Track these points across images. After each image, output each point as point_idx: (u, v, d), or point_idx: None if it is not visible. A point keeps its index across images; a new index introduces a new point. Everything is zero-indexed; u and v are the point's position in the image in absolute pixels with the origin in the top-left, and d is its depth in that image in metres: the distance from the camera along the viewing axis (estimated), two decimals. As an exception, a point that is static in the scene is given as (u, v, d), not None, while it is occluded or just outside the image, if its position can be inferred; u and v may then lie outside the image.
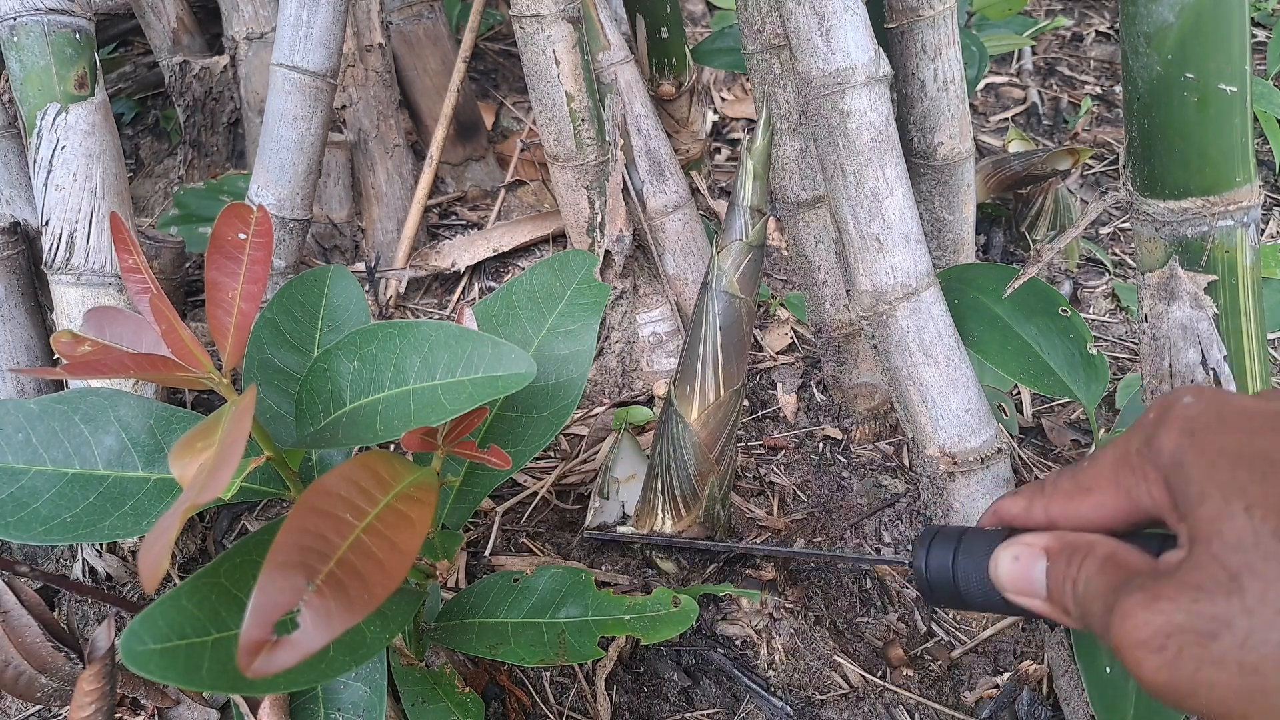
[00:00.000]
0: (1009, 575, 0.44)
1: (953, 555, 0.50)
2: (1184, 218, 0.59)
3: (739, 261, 0.73)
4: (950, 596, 0.50)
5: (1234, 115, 0.55)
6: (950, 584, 0.50)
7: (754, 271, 0.74)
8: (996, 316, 0.77)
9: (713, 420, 0.76)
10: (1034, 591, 0.42)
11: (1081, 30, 1.73)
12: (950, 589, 0.50)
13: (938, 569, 0.50)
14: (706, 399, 0.76)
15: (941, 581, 0.50)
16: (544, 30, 0.87)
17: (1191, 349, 0.62)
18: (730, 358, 0.75)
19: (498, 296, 0.71)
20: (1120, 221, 1.27)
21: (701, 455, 0.77)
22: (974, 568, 0.49)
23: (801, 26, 0.68)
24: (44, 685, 0.69)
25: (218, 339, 0.50)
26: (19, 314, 0.86)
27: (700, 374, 0.75)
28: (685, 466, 0.77)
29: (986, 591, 0.47)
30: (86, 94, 0.79)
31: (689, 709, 0.73)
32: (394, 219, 1.17)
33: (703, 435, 0.76)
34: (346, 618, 0.37)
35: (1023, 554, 0.43)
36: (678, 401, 0.77)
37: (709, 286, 0.74)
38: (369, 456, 0.47)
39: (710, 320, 0.74)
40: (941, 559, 0.50)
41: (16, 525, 0.53)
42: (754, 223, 0.72)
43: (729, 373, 0.75)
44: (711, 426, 0.76)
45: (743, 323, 0.74)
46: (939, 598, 0.51)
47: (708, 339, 0.75)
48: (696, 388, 0.76)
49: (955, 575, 0.49)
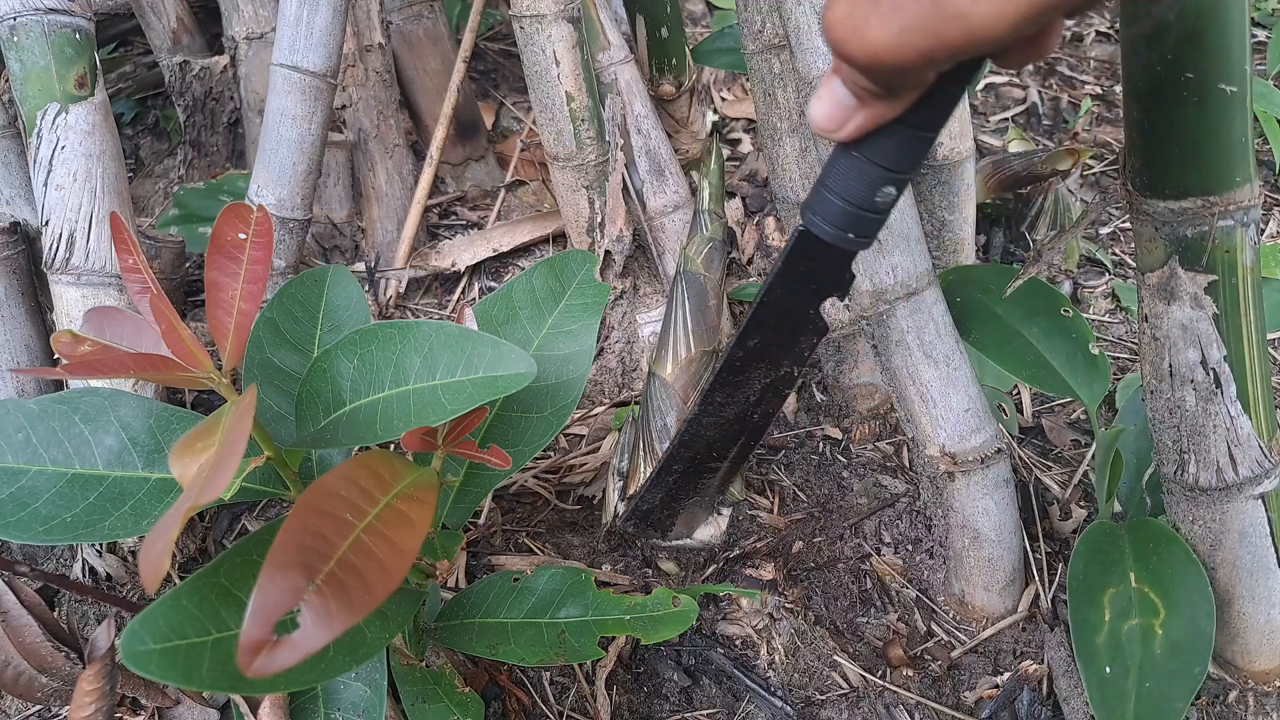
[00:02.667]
0: (821, 112, 0.46)
1: (824, 191, 0.51)
2: (1184, 218, 0.59)
3: (700, 249, 0.86)
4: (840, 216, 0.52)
5: (1234, 115, 0.55)
6: (840, 202, 0.51)
7: (716, 255, 0.87)
8: (997, 316, 0.77)
9: (685, 373, 0.84)
10: (844, 101, 0.45)
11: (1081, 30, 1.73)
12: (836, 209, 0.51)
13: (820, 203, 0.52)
14: (679, 356, 0.85)
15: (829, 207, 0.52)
16: (544, 30, 0.87)
17: (1191, 348, 0.62)
18: (699, 321, 0.85)
19: (498, 296, 0.71)
20: (1120, 221, 1.27)
21: (676, 405, 0.83)
22: (839, 176, 0.50)
23: (801, 26, 0.68)
24: (44, 685, 0.69)
25: (218, 339, 0.50)
26: (19, 314, 0.86)
27: (673, 336, 0.85)
28: (663, 416, 0.83)
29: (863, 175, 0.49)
30: (86, 94, 0.79)
31: (689, 709, 0.73)
32: (394, 219, 1.17)
33: (677, 387, 0.84)
34: (346, 618, 0.37)
35: (822, 90, 0.46)
36: (655, 365, 0.86)
37: (680, 272, 0.86)
38: (369, 456, 0.47)
39: (679, 294, 0.86)
40: (825, 201, 0.52)
41: (16, 525, 0.53)
42: (712, 221, 0.87)
43: (699, 334, 0.85)
44: (684, 379, 0.84)
45: (707, 294, 0.86)
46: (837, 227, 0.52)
47: (678, 309, 0.86)
48: (670, 349, 0.85)
49: (833, 192, 0.51)
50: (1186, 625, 0.65)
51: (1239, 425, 0.63)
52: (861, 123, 0.46)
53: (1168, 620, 0.65)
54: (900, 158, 0.48)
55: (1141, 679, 0.64)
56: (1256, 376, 0.63)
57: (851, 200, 0.50)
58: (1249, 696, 0.72)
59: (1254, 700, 0.72)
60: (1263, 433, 0.64)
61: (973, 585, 0.79)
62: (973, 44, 0.37)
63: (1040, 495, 0.90)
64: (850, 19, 0.39)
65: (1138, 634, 0.65)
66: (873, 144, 0.47)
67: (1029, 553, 0.82)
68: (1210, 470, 0.65)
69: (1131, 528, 0.71)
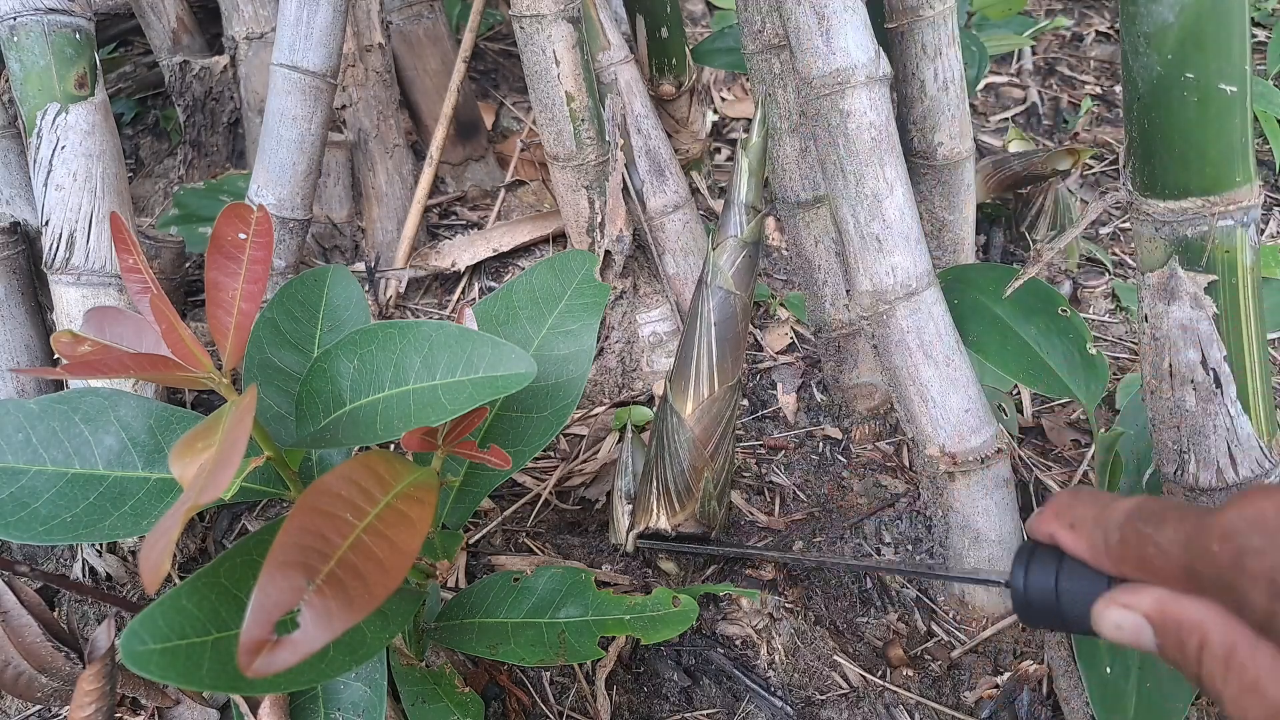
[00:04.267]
0: (1117, 638, 0.42)
1: (1055, 577, 0.46)
2: (1184, 218, 0.59)
3: (734, 258, 0.74)
4: (1053, 619, 0.47)
5: (1234, 115, 0.55)
6: (1054, 606, 0.46)
7: (749, 268, 0.74)
8: (996, 316, 0.77)
9: (707, 415, 0.76)
10: (1149, 648, 0.41)
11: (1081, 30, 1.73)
12: (1053, 611, 0.47)
13: (1039, 590, 0.46)
14: (701, 394, 0.76)
15: (1043, 603, 0.46)
16: (544, 30, 0.87)
17: (1191, 349, 0.62)
18: (725, 353, 0.75)
19: (498, 296, 0.71)
20: (1120, 221, 1.27)
21: (696, 451, 0.76)
22: (1081, 591, 0.45)
23: (801, 26, 0.68)
24: (44, 685, 0.69)
25: (218, 339, 0.50)
26: (19, 314, 0.86)
27: (695, 369, 0.76)
28: (680, 461, 0.77)
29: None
30: (86, 94, 0.79)
31: (689, 709, 0.73)
32: (394, 219, 1.17)
33: (697, 430, 0.76)
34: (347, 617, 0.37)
35: (1125, 623, 0.41)
36: (673, 397, 0.77)
37: (704, 283, 0.75)
38: (369, 456, 0.47)
39: (705, 316, 0.75)
40: (1044, 580, 0.46)
41: (16, 525, 0.53)
42: (749, 219, 0.73)
43: (724, 368, 0.75)
44: (706, 422, 0.76)
45: (738, 318, 0.75)
46: (1039, 619, 0.48)
47: (703, 334, 0.75)
48: (691, 383, 0.76)
49: (1059, 598, 0.46)
50: (1186, 625, 0.65)
51: (1239, 425, 0.63)
52: (1144, 642, 0.41)
53: (1168, 620, 0.65)
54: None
55: (1142, 679, 0.64)
56: (1256, 377, 0.63)
57: (1061, 608, 0.46)
58: (1249, 696, 0.72)
59: (1254, 700, 0.72)
60: (1263, 433, 0.64)
61: (973, 585, 0.79)
62: None
63: (1040, 495, 0.90)
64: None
65: (1138, 634, 0.65)
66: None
67: (1029, 553, 0.81)
68: (1210, 470, 0.65)
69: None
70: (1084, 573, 0.45)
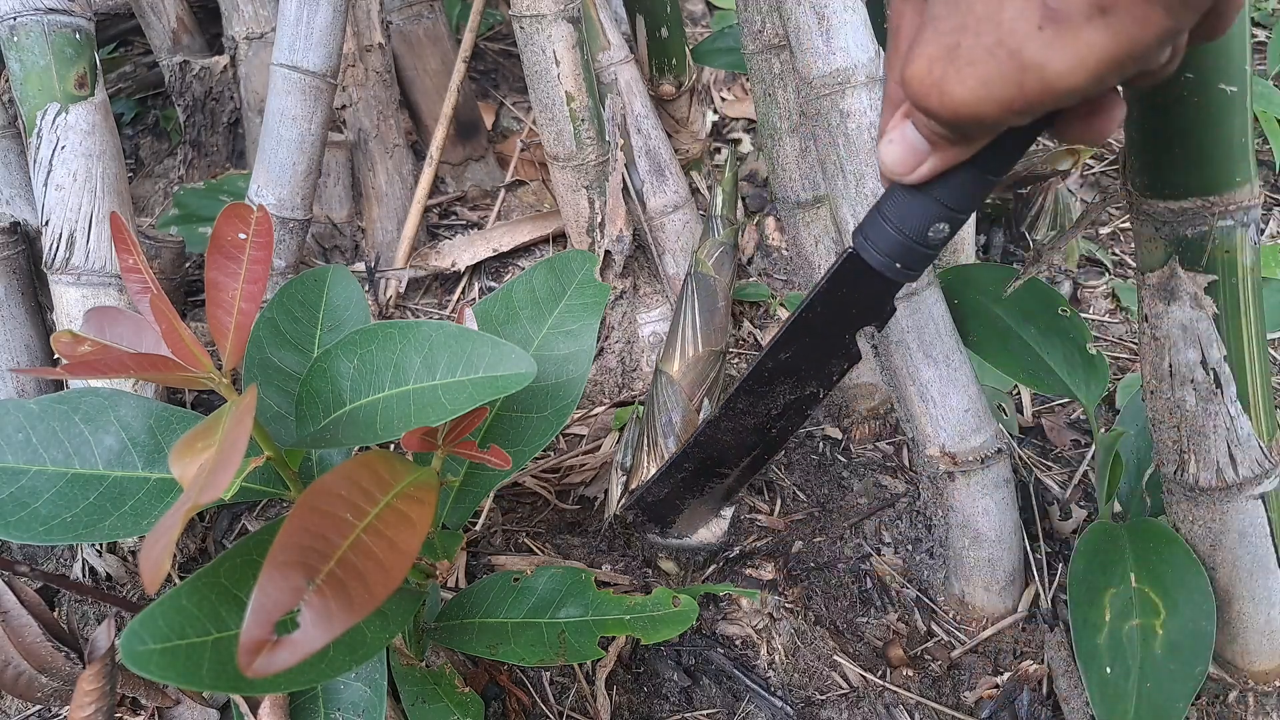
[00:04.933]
0: (893, 156, 0.47)
1: (879, 218, 0.52)
2: (1184, 218, 0.59)
3: (711, 253, 0.86)
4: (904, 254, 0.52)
5: (1234, 115, 0.55)
6: (894, 238, 0.51)
7: (726, 259, 0.86)
8: (997, 317, 0.77)
9: (692, 371, 0.84)
10: (917, 146, 0.46)
11: (1081, 30, 1.73)
12: (895, 241, 0.52)
13: (877, 232, 0.52)
14: (686, 355, 0.84)
15: (885, 239, 0.52)
16: (544, 30, 0.87)
17: (1191, 348, 0.62)
18: (708, 321, 0.85)
19: (498, 296, 0.71)
20: (1120, 221, 1.27)
21: (683, 404, 0.83)
22: (896, 206, 0.50)
23: (801, 26, 0.68)
24: (44, 685, 0.69)
25: (218, 339, 0.50)
26: (19, 314, 0.86)
27: (681, 336, 0.85)
28: (668, 413, 0.82)
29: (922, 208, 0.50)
30: (86, 94, 0.79)
31: (689, 709, 0.73)
32: (394, 219, 1.17)
33: (684, 384, 0.84)
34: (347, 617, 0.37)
35: (893, 135, 0.47)
36: (662, 363, 0.86)
37: (690, 274, 0.87)
38: (369, 456, 0.47)
39: (689, 295, 0.86)
40: (876, 228, 0.52)
41: (16, 525, 0.53)
42: (724, 226, 0.86)
43: (707, 334, 0.85)
44: (691, 377, 0.84)
45: (716, 294, 0.86)
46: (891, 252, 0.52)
47: (688, 308, 0.86)
48: (678, 347, 0.85)
49: (889, 221, 0.51)
50: (1187, 625, 0.65)
51: (1239, 425, 0.63)
52: (934, 166, 0.46)
53: (1168, 620, 0.65)
54: (962, 197, 0.48)
55: (1142, 679, 0.64)
56: (1256, 376, 0.63)
57: (905, 231, 0.51)
58: (1249, 696, 0.72)
59: (1254, 700, 0.72)
60: (1263, 433, 0.64)
61: (973, 585, 0.79)
62: (1051, 96, 0.38)
63: (1040, 495, 0.90)
64: (930, 74, 0.40)
65: (1138, 634, 0.65)
66: (938, 182, 0.48)
67: (1029, 553, 0.82)
68: (1210, 470, 0.65)
69: (1131, 528, 0.71)
70: (889, 198, 0.51)
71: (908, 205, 0.50)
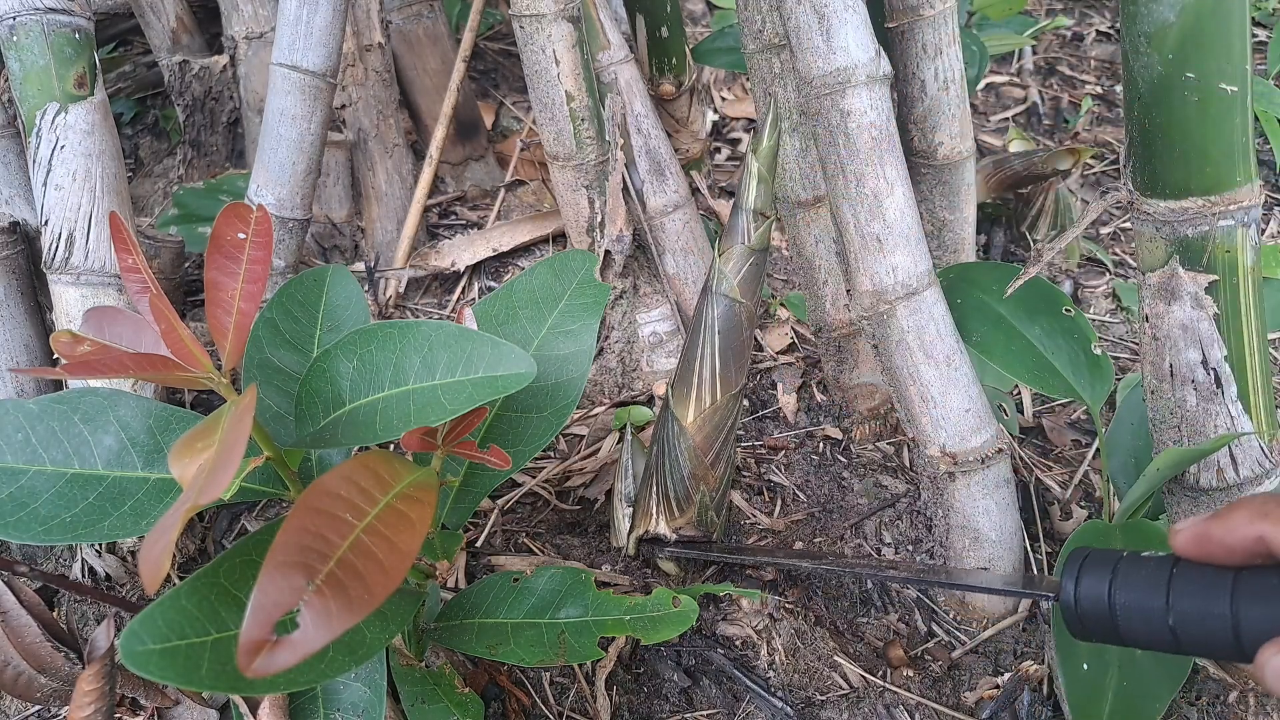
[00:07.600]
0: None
1: (1109, 589, 0.45)
2: (1185, 217, 0.59)
3: (740, 265, 0.73)
4: (1107, 631, 0.45)
5: (1234, 115, 0.55)
6: (1108, 618, 0.45)
7: (755, 275, 0.74)
8: (999, 316, 0.77)
9: (708, 424, 0.75)
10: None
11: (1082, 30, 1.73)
12: (1107, 624, 0.45)
13: (1091, 601, 0.45)
14: (703, 403, 0.75)
15: (1097, 615, 0.45)
16: (544, 30, 0.87)
17: (1192, 349, 0.62)
18: (728, 362, 0.74)
19: (498, 296, 0.71)
20: (1120, 221, 1.27)
21: (696, 459, 0.76)
22: (1138, 601, 0.43)
23: (801, 26, 0.68)
24: (44, 685, 0.69)
25: (217, 339, 0.50)
26: (19, 314, 0.86)
27: (697, 377, 0.75)
28: (680, 469, 0.77)
29: (1153, 628, 0.43)
30: (86, 94, 0.79)
31: (689, 709, 0.73)
32: (394, 219, 1.17)
33: (698, 439, 0.76)
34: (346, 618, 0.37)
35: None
36: (675, 404, 0.76)
37: (709, 290, 0.74)
38: (369, 456, 0.47)
39: (709, 324, 0.74)
40: (1096, 589, 0.45)
41: (16, 525, 0.53)
42: (757, 226, 0.72)
43: (726, 378, 0.75)
44: (707, 430, 0.76)
45: (742, 327, 0.74)
46: (1092, 632, 0.46)
47: (706, 342, 0.74)
48: (693, 391, 0.75)
49: (1113, 609, 0.44)
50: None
51: (1240, 425, 0.63)
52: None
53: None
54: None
55: (1121, 678, 0.63)
56: (1257, 376, 0.63)
57: (1121, 624, 0.44)
58: (1249, 696, 0.72)
59: (1254, 700, 0.72)
60: (1263, 433, 0.64)
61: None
62: None
63: (1040, 495, 0.90)
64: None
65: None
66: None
67: (1029, 553, 0.82)
68: (1211, 471, 0.65)
69: (1125, 527, 0.71)
70: (1140, 582, 0.44)
71: (1143, 610, 0.43)
